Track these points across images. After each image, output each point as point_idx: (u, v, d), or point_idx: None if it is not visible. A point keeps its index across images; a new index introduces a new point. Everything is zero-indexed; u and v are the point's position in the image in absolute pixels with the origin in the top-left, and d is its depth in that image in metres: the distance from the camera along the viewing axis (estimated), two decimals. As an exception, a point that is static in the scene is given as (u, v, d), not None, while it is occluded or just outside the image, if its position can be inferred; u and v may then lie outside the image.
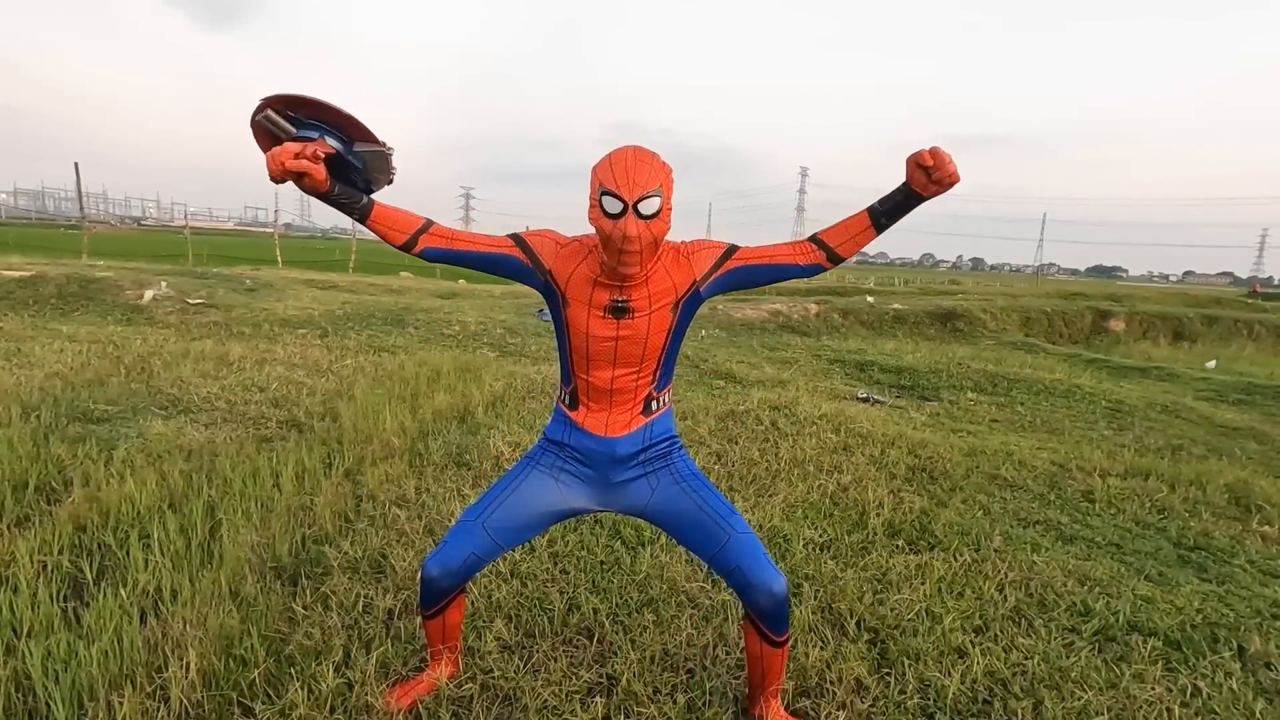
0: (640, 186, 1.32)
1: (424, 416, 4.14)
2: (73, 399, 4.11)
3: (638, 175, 1.33)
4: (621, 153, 1.36)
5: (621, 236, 1.34)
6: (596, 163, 1.38)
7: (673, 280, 1.49)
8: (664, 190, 1.36)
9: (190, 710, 1.64)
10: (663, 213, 1.38)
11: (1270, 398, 6.95)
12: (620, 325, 1.48)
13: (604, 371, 1.52)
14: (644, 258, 1.40)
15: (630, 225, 1.33)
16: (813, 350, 8.64)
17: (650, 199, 1.34)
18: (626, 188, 1.32)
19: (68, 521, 2.50)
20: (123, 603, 1.99)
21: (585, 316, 1.48)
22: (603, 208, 1.35)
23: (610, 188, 1.33)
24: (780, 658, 1.61)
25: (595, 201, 1.37)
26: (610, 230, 1.35)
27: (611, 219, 1.35)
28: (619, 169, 1.33)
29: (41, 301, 8.11)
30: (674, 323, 1.52)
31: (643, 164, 1.34)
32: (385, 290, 12.11)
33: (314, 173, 1.30)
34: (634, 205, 1.33)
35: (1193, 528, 3.26)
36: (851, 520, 3.00)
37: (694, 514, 1.57)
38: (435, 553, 1.60)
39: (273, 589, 2.17)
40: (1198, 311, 15.61)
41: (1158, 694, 1.89)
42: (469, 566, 1.58)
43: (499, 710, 1.72)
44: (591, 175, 1.38)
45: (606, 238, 1.37)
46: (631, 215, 1.33)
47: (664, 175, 1.36)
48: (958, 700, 1.83)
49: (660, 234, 1.40)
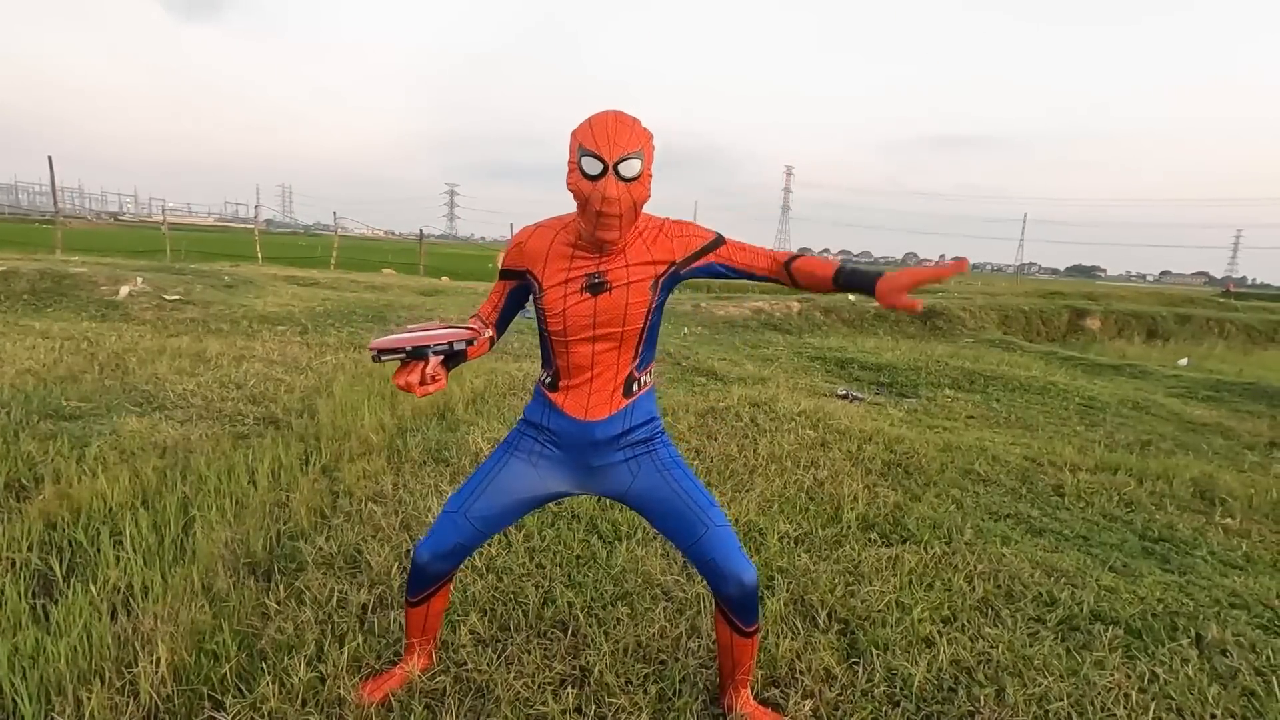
0: (621, 147, 1.31)
1: (403, 413, 4.13)
2: (45, 396, 4.06)
3: (618, 136, 1.31)
4: (602, 115, 1.34)
5: (601, 198, 1.32)
6: (575, 127, 1.36)
7: (651, 255, 1.48)
8: (645, 154, 1.34)
9: (160, 705, 1.64)
10: (643, 177, 1.36)
11: (1238, 394, 7.11)
12: (598, 300, 1.46)
13: (584, 347, 1.50)
14: (623, 223, 1.37)
15: (610, 186, 1.31)
16: (794, 347, 8.71)
17: (631, 160, 1.32)
18: (607, 148, 1.30)
19: (37, 518, 2.47)
20: (92, 599, 1.98)
21: (562, 295, 1.46)
22: (582, 169, 1.33)
23: (590, 148, 1.31)
24: (750, 648, 1.63)
25: (574, 164, 1.34)
26: (589, 192, 1.33)
27: (591, 180, 1.32)
28: (599, 130, 1.32)
29: (13, 297, 7.97)
30: (652, 301, 1.50)
31: (624, 126, 1.33)
32: (367, 287, 12.02)
33: (440, 387, 1.45)
34: (614, 166, 1.31)
35: (1158, 520, 3.34)
36: (826, 514, 3.04)
37: (674, 504, 1.56)
38: (425, 540, 1.62)
39: (246, 584, 2.16)
40: (1171, 310, 15.91)
41: (1116, 680, 1.94)
42: (457, 553, 1.61)
43: (472, 702, 1.73)
44: (570, 139, 1.36)
45: (585, 200, 1.35)
46: (612, 176, 1.31)
47: (645, 139, 1.35)
48: (924, 688, 1.87)
49: (640, 199, 1.38)
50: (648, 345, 1.56)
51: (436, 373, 1.41)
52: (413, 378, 1.39)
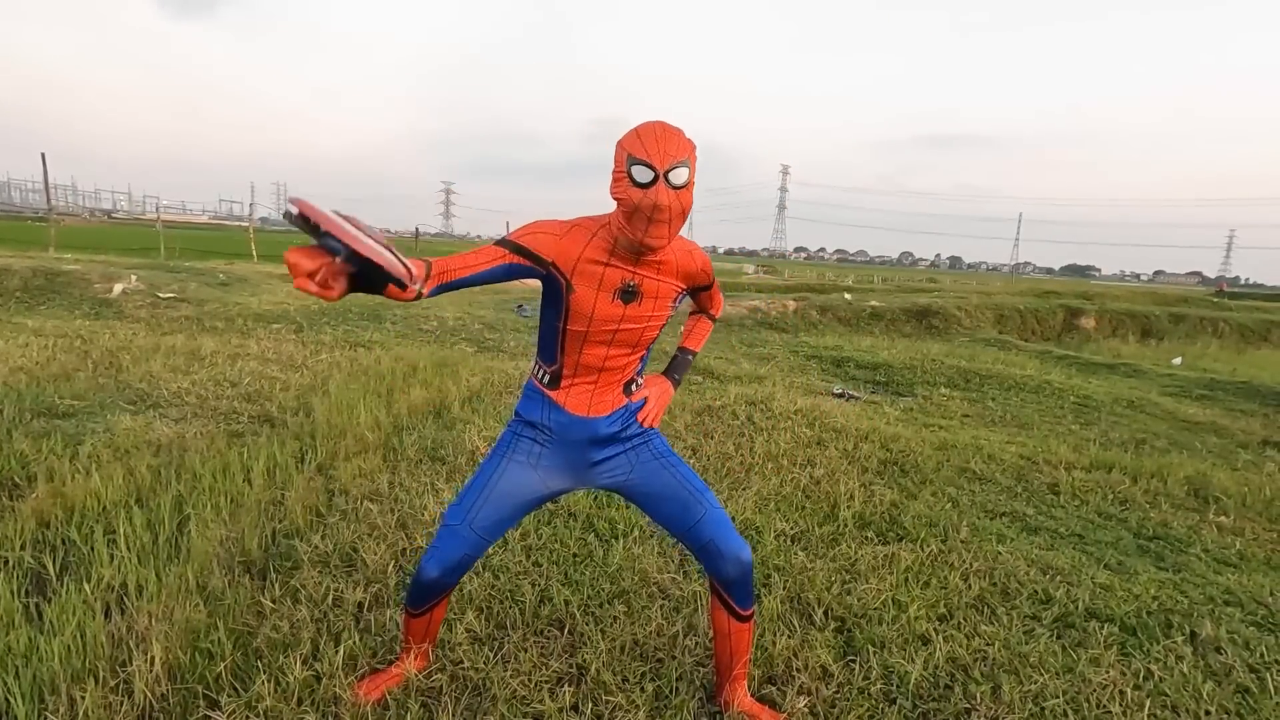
0: (671, 156, 1.35)
1: (399, 411, 4.12)
2: (37, 394, 4.03)
3: (668, 145, 1.35)
4: (649, 125, 1.38)
5: (652, 206, 1.35)
6: (622, 137, 1.40)
7: (684, 270, 1.55)
8: (690, 162, 1.39)
9: (155, 703, 1.63)
10: (689, 185, 1.40)
11: (1231, 393, 7.15)
12: (627, 309, 1.50)
13: (599, 349, 1.53)
14: (673, 229, 1.42)
15: (662, 194, 1.35)
16: (790, 346, 8.72)
17: (680, 169, 1.36)
18: (658, 156, 1.34)
19: (30, 517, 2.46)
20: (86, 597, 1.96)
21: (593, 299, 1.48)
22: (632, 178, 1.36)
23: (641, 157, 1.35)
24: (746, 634, 1.65)
25: (624, 173, 1.37)
26: (640, 200, 1.36)
27: (642, 188, 1.36)
28: (649, 139, 1.36)
29: (6, 295, 7.92)
30: (669, 314, 1.57)
31: (672, 135, 1.37)
32: (362, 285, 11.97)
33: (330, 299, 1.28)
34: (665, 174, 1.35)
35: (1152, 518, 3.35)
36: (823, 512, 3.04)
37: (673, 488, 1.61)
38: (431, 555, 1.60)
39: (241, 583, 2.15)
40: (1165, 310, 15.98)
41: (1111, 677, 1.95)
42: (465, 564, 1.62)
43: (468, 700, 1.73)
44: (617, 149, 1.40)
45: (635, 208, 1.37)
46: (663, 184, 1.35)
47: (690, 148, 1.39)
48: (920, 685, 1.88)
49: (688, 206, 1.42)
50: (648, 352, 1.64)
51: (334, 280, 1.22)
52: (312, 267, 1.18)
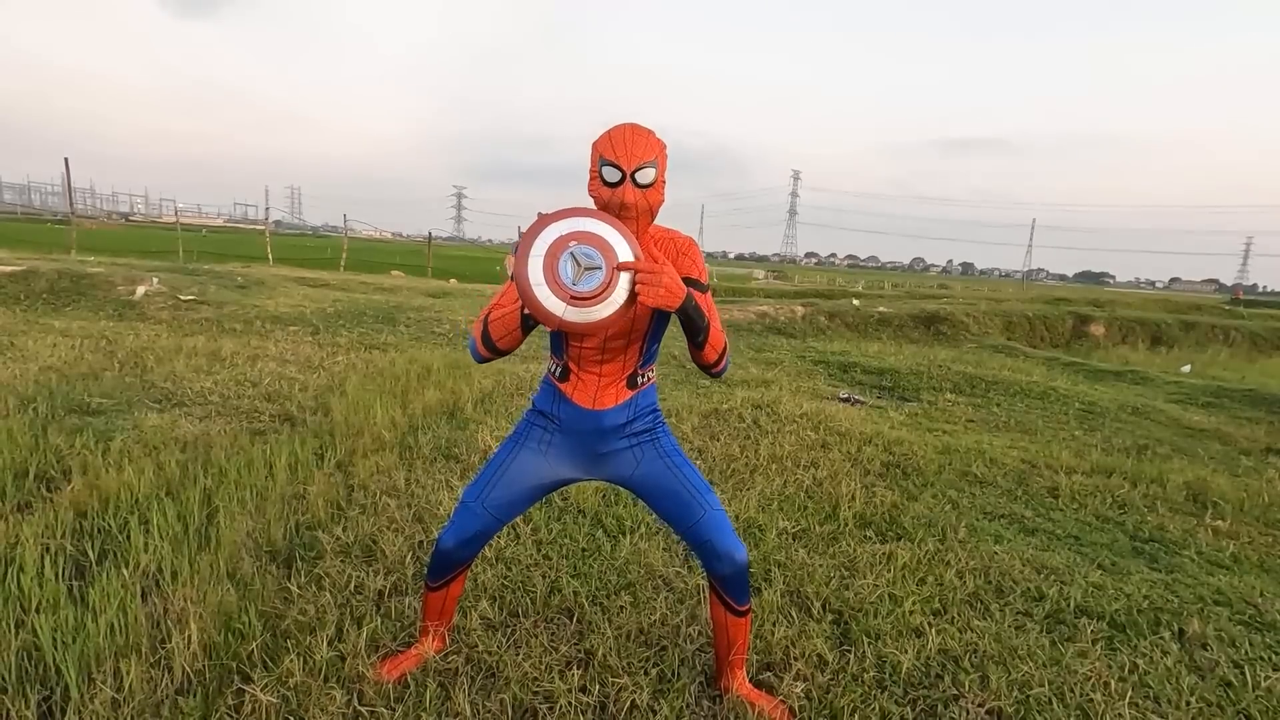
0: (638, 157, 1.47)
1: (414, 412, 4.25)
2: (68, 392, 4.19)
3: (635, 147, 1.47)
4: (620, 128, 1.50)
5: (619, 204, 1.48)
6: (596, 138, 1.52)
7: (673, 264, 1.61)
8: (659, 162, 1.50)
9: (193, 678, 1.75)
10: (657, 184, 1.51)
11: (1237, 401, 7.16)
12: None
13: (595, 342, 1.62)
14: (639, 225, 1.53)
15: (628, 193, 1.47)
16: (798, 351, 8.80)
17: (646, 169, 1.48)
18: (625, 158, 1.46)
19: (68, 508, 2.60)
20: (125, 581, 2.09)
21: None
22: (602, 177, 1.49)
23: (610, 158, 1.47)
24: (743, 627, 1.74)
25: (595, 173, 1.51)
26: (609, 198, 1.49)
27: (610, 187, 1.49)
28: (618, 142, 1.48)
29: (33, 296, 8.14)
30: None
31: (640, 137, 1.49)
32: (376, 289, 12.17)
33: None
34: (631, 174, 1.47)
35: (1149, 521, 3.42)
36: (824, 512, 3.14)
37: (675, 488, 1.68)
38: (449, 528, 1.74)
39: (268, 570, 2.28)
40: (1176, 318, 15.90)
41: (1097, 669, 2.03)
42: (479, 539, 1.74)
43: (483, 681, 1.84)
44: (591, 149, 1.52)
45: (604, 205, 1.51)
46: (629, 183, 1.47)
47: (659, 149, 1.50)
48: (911, 674, 1.97)
49: (655, 204, 1.54)
50: (652, 347, 1.69)
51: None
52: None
